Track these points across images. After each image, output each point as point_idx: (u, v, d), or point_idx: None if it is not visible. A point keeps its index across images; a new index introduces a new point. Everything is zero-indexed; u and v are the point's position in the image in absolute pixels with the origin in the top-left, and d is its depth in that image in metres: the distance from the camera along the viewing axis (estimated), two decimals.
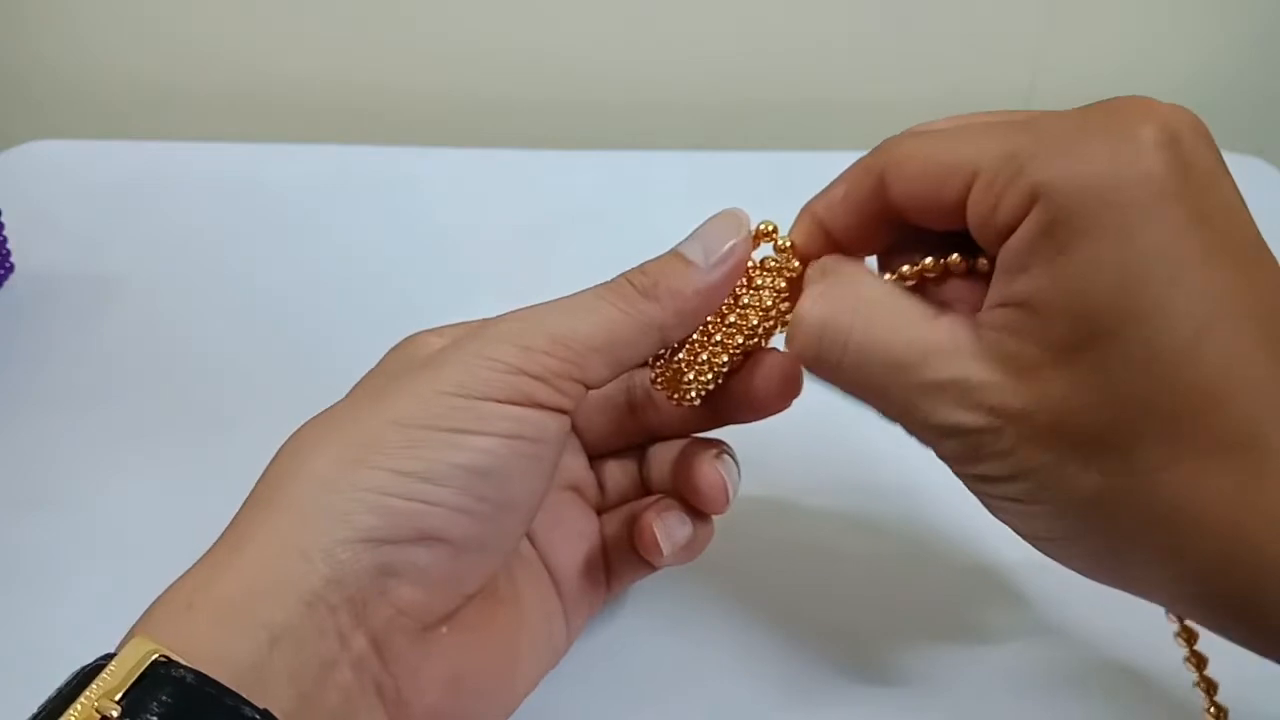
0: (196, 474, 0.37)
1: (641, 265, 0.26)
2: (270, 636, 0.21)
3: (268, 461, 0.24)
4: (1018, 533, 0.24)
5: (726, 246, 0.26)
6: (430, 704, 0.24)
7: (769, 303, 0.27)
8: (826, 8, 0.60)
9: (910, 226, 0.25)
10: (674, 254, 0.27)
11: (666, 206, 0.50)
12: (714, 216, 0.27)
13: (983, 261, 0.24)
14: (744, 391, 0.28)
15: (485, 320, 0.26)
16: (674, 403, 0.28)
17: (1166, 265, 0.20)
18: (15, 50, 0.61)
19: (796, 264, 0.27)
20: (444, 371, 0.24)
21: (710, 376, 0.27)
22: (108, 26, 0.60)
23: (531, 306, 0.26)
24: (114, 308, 0.44)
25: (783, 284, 0.27)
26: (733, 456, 0.29)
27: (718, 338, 0.27)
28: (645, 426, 0.30)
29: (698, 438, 0.30)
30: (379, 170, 0.53)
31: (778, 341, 0.28)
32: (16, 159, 0.54)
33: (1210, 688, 0.26)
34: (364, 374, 0.27)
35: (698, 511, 0.28)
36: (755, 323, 0.27)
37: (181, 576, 0.22)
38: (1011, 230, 0.22)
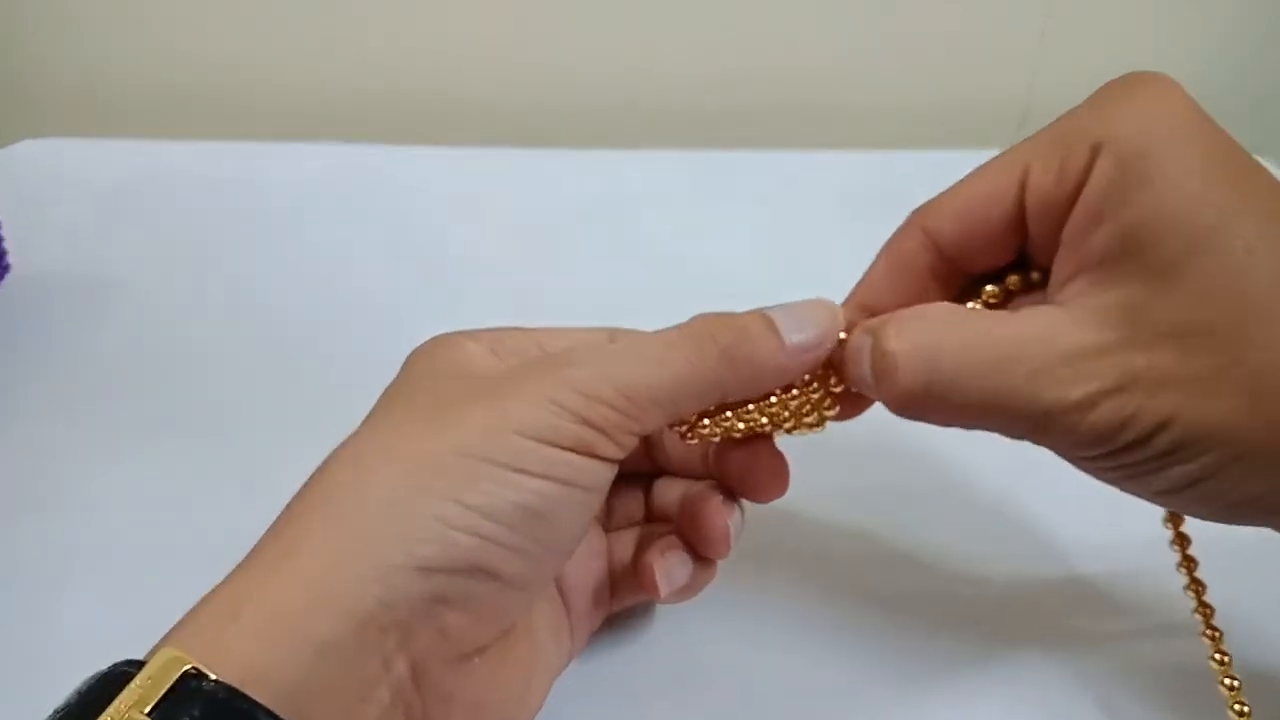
0: (195, 474, 0.36)
1: (725, 318, 0.26)
2: (317, 652, 0.21)
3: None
4: (1163, 497, 0.25)
5: (816, 338, 0.26)
6: None
7: (806, 410, 0.27)
8: (826, 10, 0.60)
9: (954, 289, 0.27)
10: (764, 320, 0.26)
11: (666, 207, 0.50)
12: (813, 301, 0.27)
13: (1035, 275, 0.26)
14: (736, 469, 0.28)
15: (547, 350, 0.26)
16: (674, 430, 0.28)
17: (1228, 171, 0.23)
18: (12, 49, 0.61)
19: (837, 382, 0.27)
20: (511, 408, 0.24)
21: (719, 431, 0.27)
22: (105, 26, 0.60)
23: (603, 349, 0.26)
24: (110, 307, 0.44)
25: (828, 402, 0.27)
26: (739, 502, 0.29)
27: (749, 406, 0.27)
28: (654, 461, 0.31)
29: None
30: (377, 170, 0.53)
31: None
32: (12, 157, 0.53)
33: (1202, 589, 0.28)
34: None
35: (699, 553, 0.28)
36: (786, 415, 0.27)
37: (225, 582, 0.22)
38: (1078, 193, 0.23)
